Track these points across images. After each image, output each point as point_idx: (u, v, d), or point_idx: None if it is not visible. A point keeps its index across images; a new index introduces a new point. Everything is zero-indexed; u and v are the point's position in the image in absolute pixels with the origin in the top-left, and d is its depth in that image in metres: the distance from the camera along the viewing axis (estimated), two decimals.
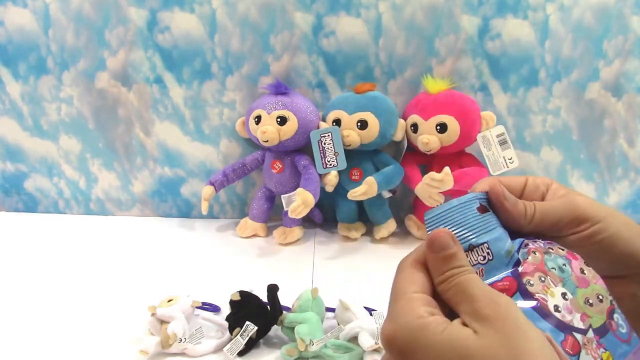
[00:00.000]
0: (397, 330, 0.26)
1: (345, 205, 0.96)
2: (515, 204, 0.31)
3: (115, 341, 0.62)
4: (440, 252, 0.28)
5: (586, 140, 1.00)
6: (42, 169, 1.05)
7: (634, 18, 0.92)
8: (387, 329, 0.26)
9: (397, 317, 0.26)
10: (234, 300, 0.63)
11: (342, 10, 0.93)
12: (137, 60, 0.97)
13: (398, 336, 0.25)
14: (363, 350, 0.58)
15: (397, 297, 0.27)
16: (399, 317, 0.26)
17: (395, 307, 0.27)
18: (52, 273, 0.80)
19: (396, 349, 0.25)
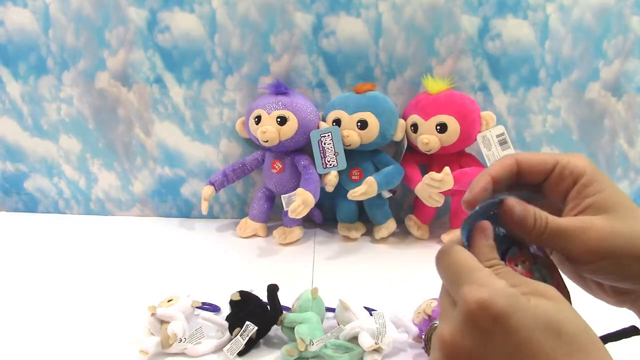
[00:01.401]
0: (493, 295, 0.23)
1: (345, 205, 0.96)
2: (524, 219, 0.29)
3: (115, 341, 0.62)
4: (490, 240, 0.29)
5: (586, 140, 1.00)
6: (42, 169, 1.05)
7: (634, 18, 0.92)
8: (480, 294, 0.24)
9: (487, 284, 0.24)
10: (234, 300, 0.63)
11: (342, 10, 0.93)
12: (137, 60, 0.97)
13: (495, 300, 0.23)
14: (363, 350, 0.58)
15: (473, 269, 0.26)
16: (489, 284, 0.24)
17: (477, 277, 0.25)
18: (52, 273, 0.80)
19: (491, 315, 0.23)
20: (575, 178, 0.30)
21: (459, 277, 0.26)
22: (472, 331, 0.24)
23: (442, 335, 0.25)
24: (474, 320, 0.24)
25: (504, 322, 0.23)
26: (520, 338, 0.23)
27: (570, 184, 0.30)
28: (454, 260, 0.27)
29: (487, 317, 0.23)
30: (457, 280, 0.26)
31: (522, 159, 0.31)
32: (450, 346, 0.24)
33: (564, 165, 0.30)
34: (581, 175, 0.29)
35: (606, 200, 0.29)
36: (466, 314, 0.24)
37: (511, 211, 0.30)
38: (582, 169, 0.29)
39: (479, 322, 0.24)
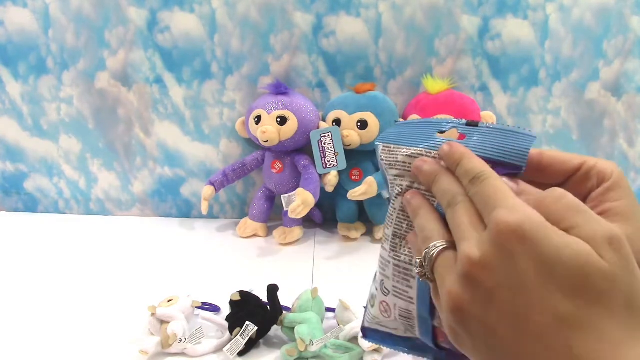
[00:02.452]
0: (523, 219, 0.24)
1: (345, 205, 0.96)
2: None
3: (115, 341, 0.62)
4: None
5: (586, 140, 1.00)
6: (42, 169, 1.05)
7: (634, 18, 0.92)
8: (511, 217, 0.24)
9: (521, 209, 0.24)
10: (234, 300, 0.63)
11: (342, 10, 0.93)
12: (137, 60, 0.97)
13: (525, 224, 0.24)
14: (363, 351, 0.58)
15: (508, 196, 0.26)
16: (523, 210, 0.24)
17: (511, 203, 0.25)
18: (52, 273, 0.80)
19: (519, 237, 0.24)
20: (600, 180, 0.29)
21: (494, 201, 0.26)
22: (501, 253, 0.24)
23: (470, 254, 0.25)
24: (503, 241, 0.24)
25: (530, 245, 0.23)
26: (542, 267, 0.23)
27: (594, 185, 0.29)
28: (492, 184, 0.27)
29: (516, 238, 0.24)
30: (492, 203, 0.26)
31: (546, 151, 0.31)
32: (477, 265, 0.25)
33: (591, 166, 0.30)
34: (608, 178, 0.29)
35: (625, 208, 0.28)
36: (499, 234, 0.24)
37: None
38: (610, 172, 0.29)
39: (508, 242, 0.24)
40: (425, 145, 0.32)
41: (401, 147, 0.33)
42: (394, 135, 0.34)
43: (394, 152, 0.33)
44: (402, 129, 0.35)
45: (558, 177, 0.31)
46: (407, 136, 0.34)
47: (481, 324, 0.25)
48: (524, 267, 0.23)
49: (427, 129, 0.33)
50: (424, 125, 0.34)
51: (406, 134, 0.34)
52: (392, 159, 0.33)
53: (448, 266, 0.27)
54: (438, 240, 0.28)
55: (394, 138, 0.34)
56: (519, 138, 0.31)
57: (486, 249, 0.25)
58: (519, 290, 0.24)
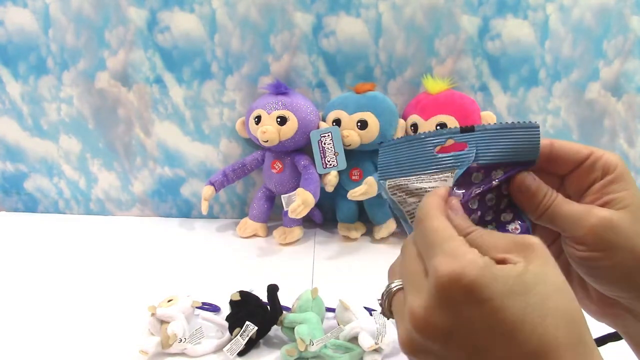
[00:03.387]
0: (464, 266, 0.23)
1: (345, 205, 0.96)
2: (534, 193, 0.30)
3: (115, 341, 0.62)
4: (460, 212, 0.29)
5: (586, 140, 1.00)
6: (42, 169, 1.05)
7: (634, 18, 0.92)
8: (452, 266, 0.23)
9: (459, 255, 0.24)
10: (234, 300, 0.63)
11: (342, 10, 0.93)
12: (137, 60, 0.97)
13: (466, 272, 0.23)
14: (363, 351, 0.58)
15: (445, 239, 0.25)
16: (461, 256, 0.24)
17: (450, 247, 0.24)
18: (52, 273, 0.80)
19: (462, 286, 0.23)
20: (605, 172, 0.30)
21: (433, 246, 0.25)
22: (445, 304, 0.23)
23: (414, 309, 0.24)
24: (447, 293, 0.23)
25: (476, 293, 0.23)
26: (493, 306, 0.22)
27: (598, 177, 0.30)
28: (429, 227, 0.26)
29: (459, 289, 0.23)
30: (431, 249, 0.25)
31: (557, 142, 0.31)
32: (422, 320, 0.24)
33: (598, 157, 0.30)
34: (612, 170, 0.29)
35: (626, 198, 0.29)
36: (438, 286, 0.23)
37: (522, 182, 0.30)
38: (615, 165, 0.29)
39: (452, 294, 0.23)
40: (432, 169, 0.31)
41: (409, 178, 0.31)
42: (393, 167, 0.32)
43: (404, 185, 0.32)
44: (397, 154, 0.32)
45: (566, 166, 0.31)
46: (407, 163, 0.32)
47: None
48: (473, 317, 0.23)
49: (423, 148, 0.31)
50: (418, 144, 0.32)
51: (405, 161, 0.32)
52: (406, 191, 0.32)
53: (399, 310, 0.27)
54: (397, 279, 0.28)
55: (396, 170, 0.32)
56: (524, 134, 0.30)
57: (428, 301, 0.24)
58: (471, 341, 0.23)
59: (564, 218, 0.29)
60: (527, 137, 0.30)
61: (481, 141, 0.30)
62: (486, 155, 0.30)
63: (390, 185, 0.32)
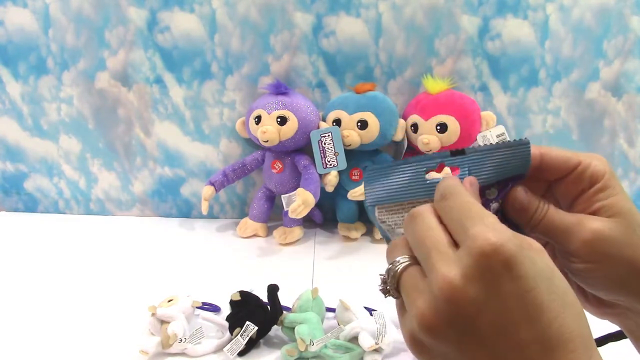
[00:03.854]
0: (505, 239, 0.23)
1: (345, 205, 0.96)
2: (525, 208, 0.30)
3: (115, 341, 0.62)
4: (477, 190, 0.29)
5: (586, 140, 1.00)
6: (42, 169, 1.05)
7: (634, 18, 0.92)
8: (494, 236, 0.23)
9: (500, 230, 0.23)
10: (234, 300, 0.63)
11: (342, 10, 0.93)
12: (137, 60, 0.97)
13: (508, 245, 0.23)
14: (363, 351, 0.58)
15: (483, 213, 0.25)
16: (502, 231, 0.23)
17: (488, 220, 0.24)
18: (52, 273, 0.80)
19: (503, 258, 0.22)
20: (593, 181, 0.30)
21: (470, 218, 0.25)
22: (483, 275, 0.23)
23: (449, 278, 0.23)
24: (487, 263, 0.23)
25: (514, 268, 0.23)
26: (527, 285, 0.23)
27: (586, 186, 0.30)
28: (463, 201, 0.26)
29: (499, 261, 0.23)
30: (468, 220, 0.25)
31: (546, 152, 0.31)
32: (459, 290, 0.23)
33: (585, 166, 0.30)
34: (599, 179, 0.30)
35: (615, 205, 0.29)
36: (479, 255, 0.23)
37: (514, 199, 0.30)
38: (602, 172, 0.30)
39: (492, 265, 0.23)
40: (424, 194, 0.30)
41: (402, 204, 0.31)
42: (382, 192, 0.32)
43: (395, 211, 0.31)
44: (385, 179, 0.31)
45: (555, 175, 0.31)
46: (397, 188, 0.31)
47: (456, 348, 0.24)
48: (507, 292, 0.23)
49: (413, 173, 0.31)
50: (408, 169, 0.31)
51: (395, 186, 0.31)
52: (397, 218, 0.31)
53: (415, 284, 0.25)
54: (402, 255, 0.27)
55: (385, 195, 0.31)
56: (515, 151, 0.30)
57: (467, 270, 0.23)
58: (501, 317, 0.23)
59: (557, 230, 0.30)
60: (518, 154, 0.30)
61: (473, 164, 0.30)
62: (479, 177, 0.30)
63: (381, 211, 0.31)
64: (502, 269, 0.23)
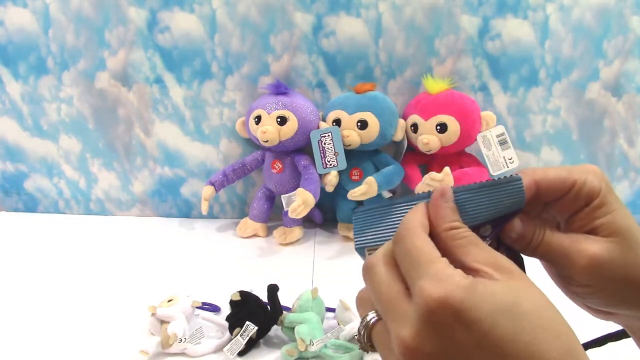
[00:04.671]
0: (451, 290, 0.22)
1: (345, 205, 0.96)
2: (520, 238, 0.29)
3: (115, 341, 0.62)
4: (450, 202, 0.28)
5: (586, 140, 1.00)
6: (42, 169, 1.05)
7: (634, 18, 0.92)
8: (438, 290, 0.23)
9: (444, 278, 0.23)
10: (234, 300, 0.63)
11: (342, 10, 0.93)
12: (137, 60, 0.97)
13: (454, 295, 0.22)
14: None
15: (429, 260, 0.24)
16: (446, 279, 0.23)
17: (434, 270, 0.24)
18: (52, 273, 0.80)
19: (451, 311, 0.22)
20: (589, 199, 0.29)
21: (417, 268, 0.24)
22: (435, 329, 0.23)
23: (402, 338, 0.23)
24: (436, 318, 0.23)
25: (465, 316, 0.22)
26: (483, 328, 0.22)
27: (582, 205, 0.29)
28: (412, 246, 0.25)
29: (448, 313, 0.22)
30: (415, 269, 0.24)
31: (540, 179, 0.30)
32: (413, 349, 0.23)
33: (581, 185, 0.29)
34: (595, 195, 0.29)
35: (613, 223, 0.28)
36: (426, 311, 0.23)
37: (510, 230, 0.30)
38: (598, 189, 0.29)
39: (441, 319, 0.22)
40: None
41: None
42: (371, 234, 0.31)
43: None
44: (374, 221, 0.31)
45: (552, 198, 0.30)
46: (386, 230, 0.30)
47: None
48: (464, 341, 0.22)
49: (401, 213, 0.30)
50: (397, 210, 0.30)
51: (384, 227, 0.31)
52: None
53: (384, 342, 0.25)
54: (369, 310, 0.27)
55: (374, 237, 0.31)
56: (507, 189, 0.29)
57: (417, 327, 0.23)
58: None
59: (554, 255, 0.29)
60: (511, 192, 0.29)
61: (464, 202, 0.29)
62: (471, 216, 0.29)
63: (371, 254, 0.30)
64: (453, 320, 0.22)
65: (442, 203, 0.28)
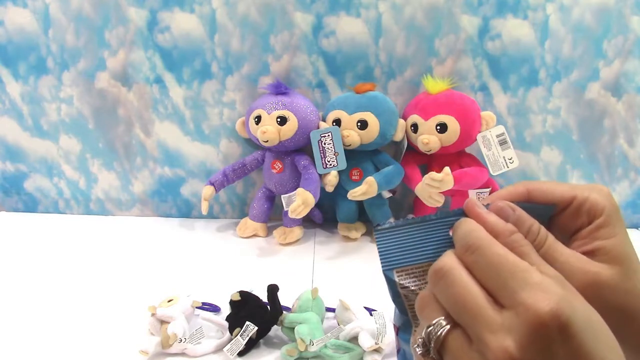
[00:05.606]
0: (559, 303, 0.22)
1: (345, 205, 0.96)
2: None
3: (115, 341, 0.62)
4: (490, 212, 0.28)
5: (586, 141, 1.00)
6: (42, 169, 1.05)
7: (634, 18, 0.92)
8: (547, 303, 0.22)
9: (549, 290, 0.22)
10: (234, 300, 0.63)
11: (342, 10, 0.93)
12: (137, 60, 0.97)
13: (564, 309, 0.22)
14: (363, 351, 0.58)
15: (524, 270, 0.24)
16: (551, 291, 0.22)
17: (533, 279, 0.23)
18: (52, 273, 0.80)
19: (559, 324, 0.22)
20: (592, 217, 0.28)
21: (512, 277, 0.23)
22: (540, 341, 0.22)
23: (507, 349, 0.22)
24: (544, 331, 0.22)
25: (568, 330, 0.22)
26: (578, 342, 0.22)
27: (584, 222, 0.28)
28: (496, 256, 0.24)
29: (555, 326, 0.22)
30: (511, 280, 0.23)
31: (534, 188, 0.29)
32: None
33: (582, 201, 0.28)
34: (599, 214, 0.28)
35: (615, 248, 0.28)
36: (536, 323, 0.22)
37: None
38: (602, 208, 0.28)
39: (547, 332, 0.22)
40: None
41: (422, 265, 0.29)
42: (402, 254, 0.29)
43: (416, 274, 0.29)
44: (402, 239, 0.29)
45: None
46: (417, 248, 0.29)
47: None
48: (561, 355, 0.22)
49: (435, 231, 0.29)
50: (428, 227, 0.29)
51: (414, 246, 0.29)
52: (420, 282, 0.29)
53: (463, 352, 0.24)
54: (438, 315, 0.26)
55: (406, 257, 0.29)
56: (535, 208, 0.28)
57: (522, 340, 0.22)
58: None
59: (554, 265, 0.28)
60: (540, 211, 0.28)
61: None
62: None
63: (400, 275, 0.29)
64: (557, 334, 0.22)
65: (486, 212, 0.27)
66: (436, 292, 0.26)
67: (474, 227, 0.26)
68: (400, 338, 0.32)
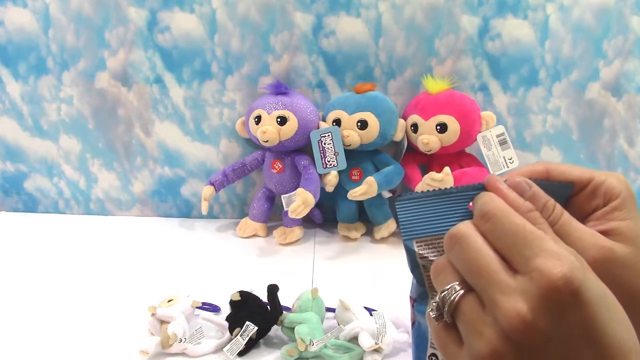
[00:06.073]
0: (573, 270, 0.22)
1: (345, 205, 0.96)
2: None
3: (115, 341, 0.62)
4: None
5: (586, 140, 1.00)
6: (42, 169, 1.05)
7: (634, 18, 0.92)
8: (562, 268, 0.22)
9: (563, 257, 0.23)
10: (234, 300, 0.63)
11: (342, 10, 0.93)
12: (137, 60, 0.97)
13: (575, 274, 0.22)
14: (363, 351, 0.58)
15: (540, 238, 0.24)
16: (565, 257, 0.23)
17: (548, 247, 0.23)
18: (52, 273, 0.80)
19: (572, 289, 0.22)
20: (607, 199, 0.29)
21: (528, 245, 0.24)
22: (552, 306, 0.22)
23: (520, 312, 0.23)
24: (556, 296, 0.22)
25: (581, 296, 0.22)
26: (590, 311, 0.22)
27: (600, 203, 0.29)
28: (513, 224, 0.25)
29: (568, 292, 0.22)
30: (526, 248, 0.24)
31: (553, 168, 0.30)
32: (530, 324, 0.22)
33: (599, 184, 0.29)
34: (615, 197, 0.29)
35: (630, 230, 0.28)
36: (549, 288, 0.22)
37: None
38: (618, 191, 0.29)
39: (560, 296, 0.22)
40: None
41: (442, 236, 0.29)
42: (424, 224, 0.30)
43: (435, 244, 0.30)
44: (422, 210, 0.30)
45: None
46: (437, 220, 0.29)
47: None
48: (573, 321, 0.22)
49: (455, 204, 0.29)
50: (448, 200, 0.29)
51: (434, 218, 0.30)
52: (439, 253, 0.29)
53: (477, 315, 0.25)
54: (453, 280, 0.26)
55: (428, 227, 0.30)
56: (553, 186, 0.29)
57: (535, 303, 0.23)
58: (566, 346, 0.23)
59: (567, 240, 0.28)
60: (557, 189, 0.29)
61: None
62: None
63: (420, 245, 0.30)
64: (571, 298, 0.22)
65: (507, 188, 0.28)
66: (451, 257, 0.27)
67: (494, 197, 0.27)
68: (416, 310, 0.32)
